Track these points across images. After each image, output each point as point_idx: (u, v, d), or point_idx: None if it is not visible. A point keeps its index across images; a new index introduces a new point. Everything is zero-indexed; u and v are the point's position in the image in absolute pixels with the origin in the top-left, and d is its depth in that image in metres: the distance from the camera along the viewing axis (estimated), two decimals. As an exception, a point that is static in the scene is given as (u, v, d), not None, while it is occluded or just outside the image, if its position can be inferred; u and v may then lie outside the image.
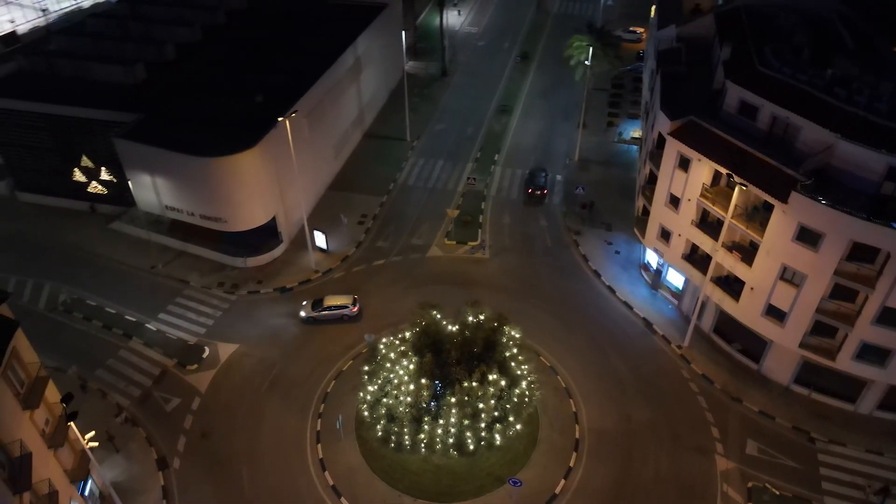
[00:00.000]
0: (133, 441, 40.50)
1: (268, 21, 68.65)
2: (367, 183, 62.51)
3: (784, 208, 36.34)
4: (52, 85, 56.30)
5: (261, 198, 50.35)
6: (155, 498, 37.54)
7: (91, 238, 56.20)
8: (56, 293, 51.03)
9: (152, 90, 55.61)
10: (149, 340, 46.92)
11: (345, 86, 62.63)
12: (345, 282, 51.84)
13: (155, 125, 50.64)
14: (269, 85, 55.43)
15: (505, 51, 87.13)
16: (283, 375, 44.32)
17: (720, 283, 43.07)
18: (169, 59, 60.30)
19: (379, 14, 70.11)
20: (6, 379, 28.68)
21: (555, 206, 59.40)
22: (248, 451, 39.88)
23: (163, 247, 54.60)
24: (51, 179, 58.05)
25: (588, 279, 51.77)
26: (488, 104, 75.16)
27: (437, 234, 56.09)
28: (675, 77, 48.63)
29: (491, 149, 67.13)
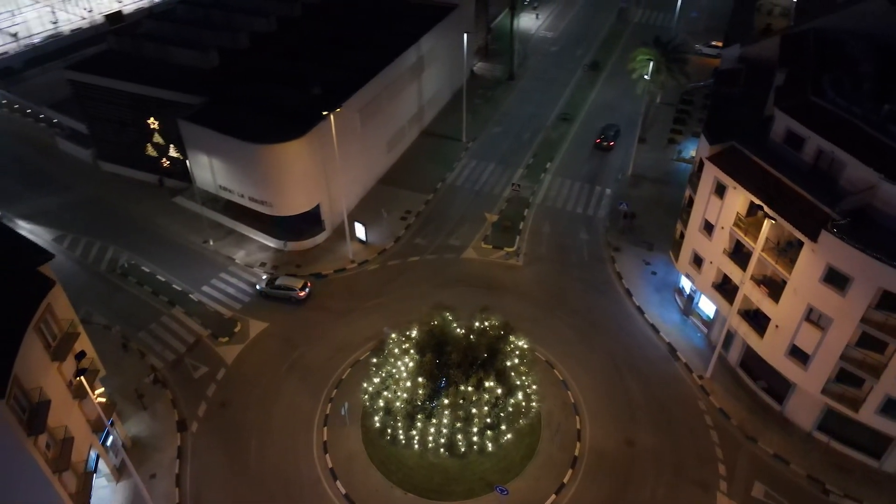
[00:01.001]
0: (160, 402, 43.62)
1: (340, 15, 71.14)
2: (416, 180, 63.82)
3: (813, 247, 34.68)
4: (135, 65, 60.86)
5: (305, 186, 52.57)
6: (170, 457, 40.36)
7: (155, 209, 60.51)
8: (117, 257, 55.38)
9: (221, 76, 59.08)
10: (189, 310, 50.18)
11: (404, 83, 64.09)
12: (378, 274, 53.40)
13: (217, 109, 53.87)
14: (328, 78, 57.59)
15: (577, 58, 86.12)
16: (303, 358, 46.34)
17: (747, 317, 41.49)
18: (242, 48, 63.72)
19: (448, 14, 71.07)
20: (38, 331, 31.86)
21: (598, 219, 58.60)
22: (260, 425, 42.12)
23: (216, 224, 58.11)
24: (127, 152, 62.78)
25: (618, 297, 50.96)
26: (550, 111, 74.72)
27: (475, 237, 56.65)
28: (729, 99, 47.01)
29: (544, 157, 66.86)
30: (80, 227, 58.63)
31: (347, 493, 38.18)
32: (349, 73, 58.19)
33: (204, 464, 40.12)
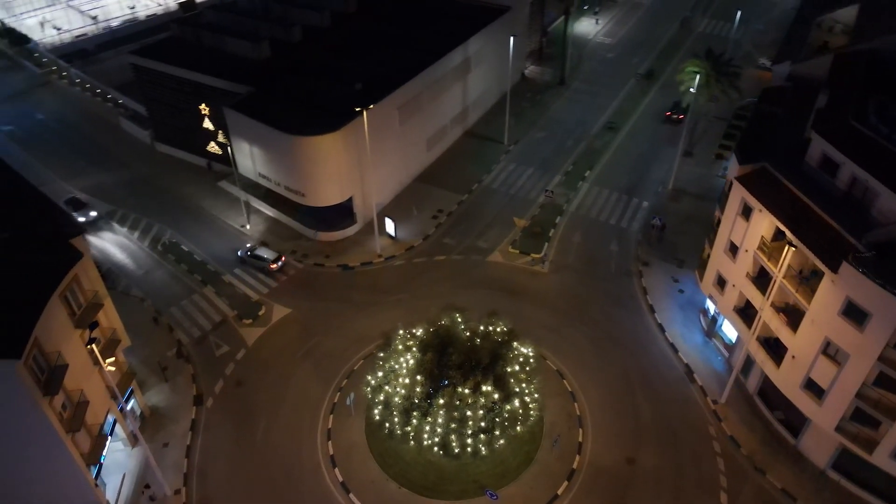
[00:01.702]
0: (181, 375, 45.79)
1: (393, 13, 72.20)
2: (452, 179, 64.29)
3: (833, 278, 33.25)
4: (192, 53, 63.75)
5: (338, 178, 53.85)
6: (184, 428, 42.37)
7: (201, 192, 63.26)
8: (161, 234, 58.25)
9: (271, 67, 61.10)
10: (220, 290, 52.34)
11: (449, 83, 64.59)
12: (403, 270, 54.22)
13: (261, 99, 55.83)
14: (372, 74, 58.74)
15: (632, 66, 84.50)
16: (320, 346, 47.64)
17: (765, 345, 40.09)
18: (295, 41, 65.65)
19: (499, 16, 71.10)
20: (64, 300, 34.09)
21: (631, 232, 57.60)
22: (271, 406, 43.66)
23: (255, 209, 60.27)
24: (180, 135, 65.78)
25: (641, 312, 50.06)
26: (597, 119, 73.73)
27: (504, 241, 56.68)
28: (770, 119, 45.39)
29: (584, 165, 66.11)
30: (131, 204, 61.94)
31: (344, 482, 39.17)
32: (393, 70, 59.18)
33: (214, 438, 41.93)
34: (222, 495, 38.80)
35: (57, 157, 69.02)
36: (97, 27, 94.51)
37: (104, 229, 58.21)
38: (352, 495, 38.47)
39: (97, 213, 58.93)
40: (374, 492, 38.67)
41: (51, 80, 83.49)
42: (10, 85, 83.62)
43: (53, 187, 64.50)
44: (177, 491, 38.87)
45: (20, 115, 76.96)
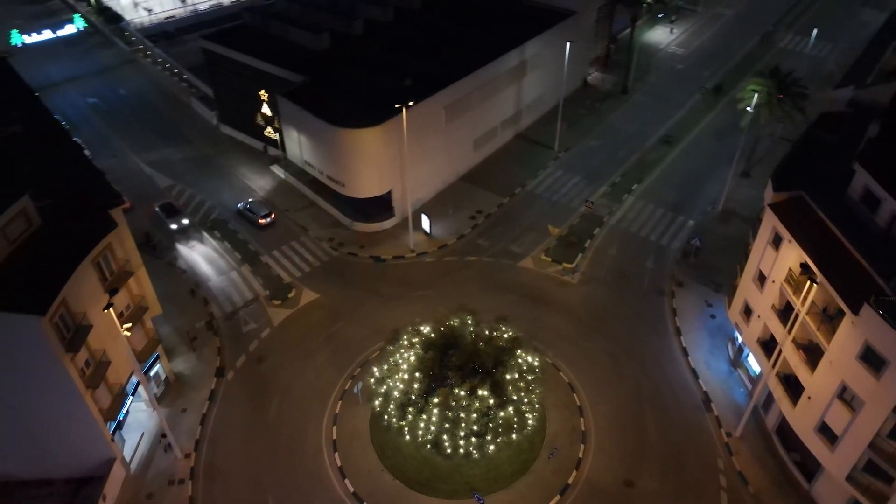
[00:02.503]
0: (208, 346, 48.21)
1: (456, 12, 72.62)
2: (496, 182, 64.30)
3: (854, 319, 31.43)
4: (258, 40, 66.48)
5: (378, 172, 54.96)
6: (203, 397, 44.68)
7: (253, 173, 66.06)
8: (210, 211, 61.28)
9: (328, 58, 62.90)
10: (256, 270, 54.62)
11: (502, 85, 64.52)
12: (433, 267, 54.85)
13: (312, 89, 57.67)
14: (425, 71, 59.52)
15: (702, 79, 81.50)
16: (341, 333, 48.98)
17: (784, 382, 38.29)
18: (356, 34, 67.27)
19: (563, 20, 70.32)
20: (96, 265, 36.68)
21: (671, 250, 55.97)
22: (286, 386, 45.37)
23: (301, 195, 62.43)
24: (242, 118, 68.77)
25: (667, 333, 48.70)
26: (654, 131, 71.76)
27: (538, 248, 56.31)
28: (821, 145, 43.08)
29: (633, 177, 64.60)
30: (190, 180, 65.47)
31: (342, 467, 40.31)
32: (445, 68, 59.74)
33: (229, 409, 44.01)
34: (228, 465, 40.73)
35: (131, 130, 73.67)
36: (185, 10, 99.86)
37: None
38: (347, 481, 39.55)
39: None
40: (369, 480, 39.59)
41: (137, 58, 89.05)
42: (100, 60, 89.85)
43: (124, 159, 69.21)
44: (187, 455, 41.11)
45: (105, 89, 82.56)
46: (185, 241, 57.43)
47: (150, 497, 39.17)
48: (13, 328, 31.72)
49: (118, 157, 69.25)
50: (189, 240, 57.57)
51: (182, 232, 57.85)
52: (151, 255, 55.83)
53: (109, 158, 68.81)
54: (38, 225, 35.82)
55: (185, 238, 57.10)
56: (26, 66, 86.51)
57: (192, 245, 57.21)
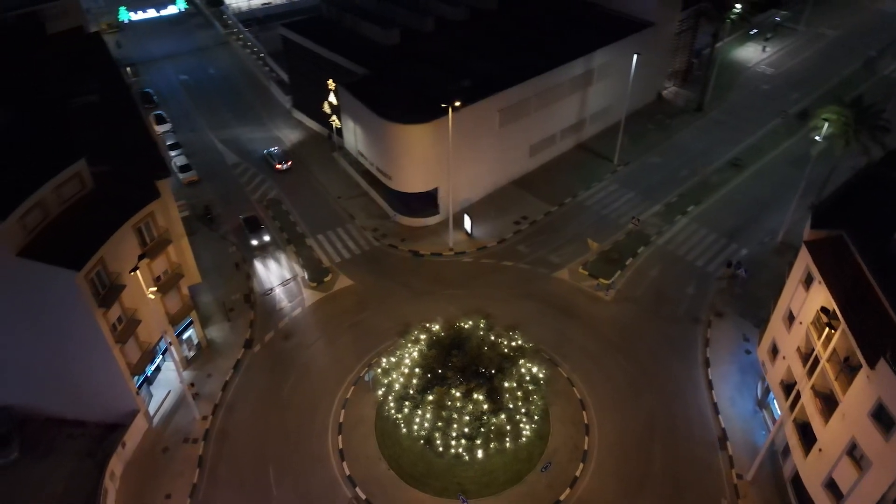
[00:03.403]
0: (242, 318, 50.85)
1: (532, 15, 72.33)
2: (548, 189, 63.76)
3: (869, 373, 29.38)
4: (331, 31, 68.95)
5: (424, 168, 55.83)
6: (228, 365, 47.26)
7: (316, 159, 68.74)
8: (268, 191, 64.32)
9: (395, 53, 64.36)
10: (299, 251, 56.92)
11: (564, 92, 63.81)
12: (468, 268, 55.26)
13: (373, 82, 59.28)
14: (486, 72, 59.85)
15: (787, 102, 77.10)
16: (366, 321, 50.33)
17: (800, 430, 36.17)
18: (426, 31, 68.39)
19: (638, 31, 68.59)
20: (137, 231, 39.62)
21: (716, 278, 53.67)
22: (305, 365, 47.25)
23: (355, 184, 64.39)
24: (312, 105, 71.55)
25: (694, 363, 46.91)
26: (724, 153, 68.72)
27: (576, 260, 55.52)
28: (882, 184, 40.16)
29: (691, 199, 62.24)
30: (254, 159, 68.91)
31: (343, 450, 41.64)
32: (507, 71, 59.80)
33: (249, 381, 46.33)
34: (238, 432, 42.97)
35: (212, 108, 78.34)
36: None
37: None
38: (345, 464, 40.83)
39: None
40: (366, 466, 40.68)
41: (230, 41, 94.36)
42: (197, 40, 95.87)
43: (201, 135, 73.75)
44: (204, 417, 43.69)
45: (196, 67, 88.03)
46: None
47: (166, 451, 41.96)
48: (53, 280, 34.85)
49: (196, 133, 73.83)
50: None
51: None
52: (208, 228, 59.50)
53: (188, 133, 73.58)
54: (90, 188, 39.07)
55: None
56: (131, 41, 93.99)
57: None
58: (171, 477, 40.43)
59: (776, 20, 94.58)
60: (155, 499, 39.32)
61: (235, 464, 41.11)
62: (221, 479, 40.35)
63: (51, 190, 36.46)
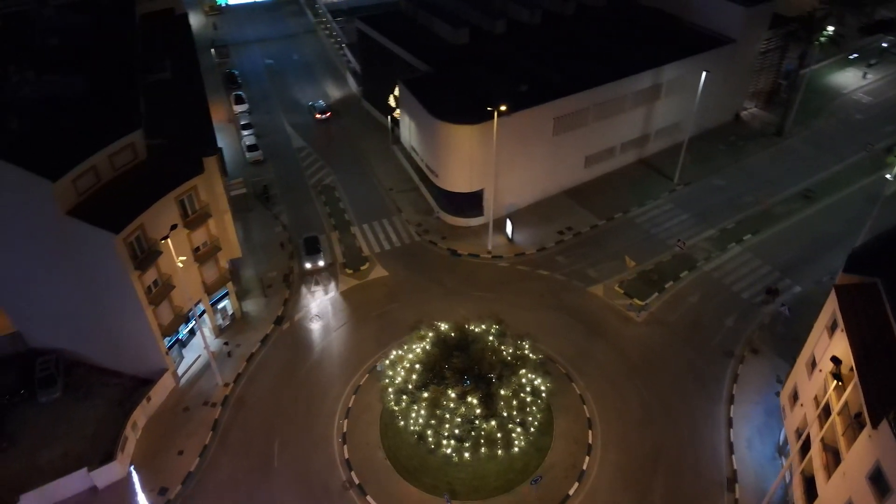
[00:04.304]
0: (277, 296, 53.21)
1: (609, 23, 70.87)
2: (599, 202, 62.56)
3: (871, 433, 27.40)
4: (404, 27, 70.39)
5: (469, 169, 56.10)
6: (257, 338, 49.66)
7: (375, 150, 70.57)
8: (325, 176, 66.73)
9: (461, 53, 64.89)
10: (343, 238, 58.79)
11: (628, 105, 62.28)
12: (503, 272, 55.25)
13: (432, 80, 60.14)
14: (547, 78, 59.44)
15: (880, 135, 71.65)
16: (393, 313, 51.40)
17: (806, 483, 34.09)
18: (497, 32, 68.48)
19: (717, 48, 65.83)
20: (179, 202, 42.41)
21: (760, 313, 51.04)
22: (327, 348, 48.99)
23: (408, 177, 65.68)
24: (379, 97, 73.41)
25: (717, 398, 44.93)
26: (796, 182, 64.81)
27: (614, 277, 54.30)
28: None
29: (749, 227, 59.26)
30: (318, 144, 71.66)
31: (346, 434, 42.96)
32: (569, 79, 59.13)
33: (273, 355, 48.53)
34: (254, 403, 45.19)
35: (289, 92, 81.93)
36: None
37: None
38: (346, 447, 42.14)
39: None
40: (365, 453, 41.82)
41: (317, 29, 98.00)
42: (288, 27, 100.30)
43: (275, 117, 77.30)
44: (226, 384, 46.22)
45: (282, 52, 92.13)
46: (296, 199, 62.51)
47: (186, 410, 44.77)
48: (96, 239, 38.00)
49: (270, 115, 77.45)
50: (298, 199, 62.72)
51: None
52: (264, 206, 62.51)
53: (263, 115, 77.33)
54: (142, 158, 42.18)
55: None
56: (228, 24, 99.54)
57: (299, 204, 62.53)
58: (186, 435, 43.11)
59: (883, 46, 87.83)
60: (168, 453, 42.07)
61: (245, 432, 43.29)
62: (230, 445, 42.64)
63: (104, 157, 39.67)
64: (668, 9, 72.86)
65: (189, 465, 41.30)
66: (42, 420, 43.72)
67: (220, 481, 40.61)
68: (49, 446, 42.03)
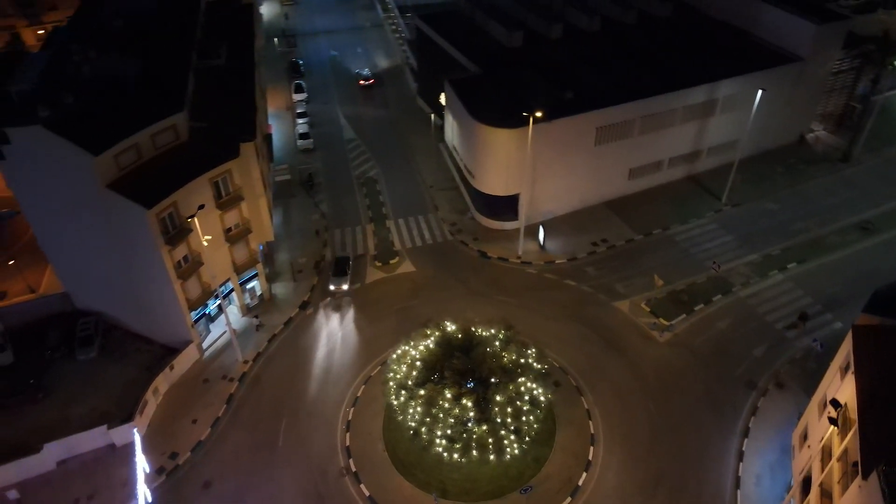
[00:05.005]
0: (306, 281, 54.89)
1: (673, 33, 68.99)
2: (639, 216, 61.16)
3: (861, 483, 25.96)
4: (460, 26, 70.83)
5: (505, 172, 55.93)
6: (281, 320, 51.45)
7: (423, 146, 71.43)
8: (369, 168, 68.14)
9: (513, 55, 64.71)
10: (377, 231, 59.99)
11: (679, 119, 60.53)
12: (529, 279, 54.95)
13: (479, 81, 60.34)
14: (596, 86, 58.60)
15: (959, 169, 66.82)
16: (414, 309, 52.02)
17: (802, 527, 32.57)
18: (553, 37, 67.91)
19: (782, 65, 63.01)
20: (213, 184, 44.47)
21: (793, 347, 48.73)
22: (344, 336, 50.25)
23: (450, 176, 66.25)
24: (432, 95, 74.11)
25: (730, 430, 43.23)
26: (855, 213, 61.13)
27: (642, 294, 53.07)
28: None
29: (795, 255, 56.47)
30: (368, 137, 73.32)
31: (350, 422, 44.01)
32: (617, 88, 58.13)
33: (293, 338, 50.18)
34: (269, 381, 46.92)
35: (346, 84, 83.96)
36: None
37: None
38: (348, 435, 43.20)
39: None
40: (365, 442, 42.73)
41: (384, 24, 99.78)
42: (356, 21, 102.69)
43: (330, 108, 79.59)
44: (245, 361, 48.15)
45: (347, 44, 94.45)
46: (337, 187, 64.37)
47: (206, 382, 46.97)
48: (130, 213, 40.41)
49: (326, 105, 79.66)
50: (339, 188, 64.58)
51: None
52: (307, 193, 64.49)
53: (320, 105, 79.61)
54: (184, 140, 44.44)
55: (338, 185, 61.16)
56: (300, 14, 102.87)
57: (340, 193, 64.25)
58: (202, 406, 45.25)
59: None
60: (184, 421, 44.29)
61: (257, 409, 45.03)
62: (240, 419, 44.47)
63: (147, 136, 42.07)
64: (737, 22, 70.24)
65: (200, 434, 43.34)
66: (77, 376, 46.80)
67: (226, 453, 42.46)
68: (79, 401, 44.98)
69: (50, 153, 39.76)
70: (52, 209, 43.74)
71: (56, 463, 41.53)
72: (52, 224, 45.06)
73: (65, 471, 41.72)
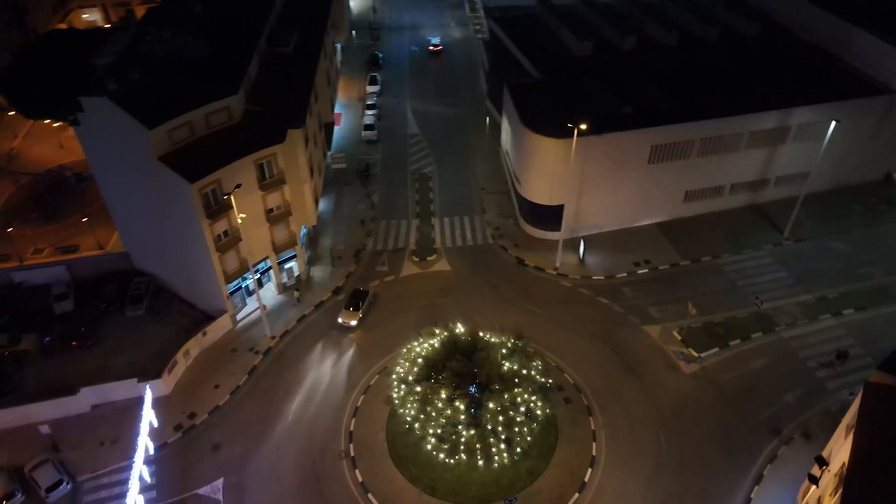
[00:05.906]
0: (343, 267, 56.73)
1: (755, 53, 65.94)
2: (689, 241, 58.93)
3: (831, 550, 24.39)
4: (532, 31, 70.54)
5: (550, 182, 55.28)
6: (313, 302, 53.50)
7: (482, 148, 71.90)
8: (424, 166, 69.21)
9: (580, 64, 63.80)
10: (421, 227, 61.04)
11: (743, 143, 57.76)
12: (562, 291, 54.31)
13: (538, 88, 59.98)
14: (655, 103, 57.03)
15: None
16: (440, 307, 52.66)
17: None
18: (626, 48, 66.44)
19: (867, 97, 58.79)
20: (259, 166, 46.88)
21: (827, 394, 45.73)
22: (369, 325, 51.60)
23: (503, 180, 66.39)
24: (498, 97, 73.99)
25: (742, 475, 41.12)
26: (932, 262, 56.40)
27: (675, 321, 51.26)
28: None
29: (854, 301, 52.59)
30: (429, 133, 74.50)
31: (359, 408, 45.34)
32: (679, 106, 56.35)
33: (320, 321, 52.07)
34: (291, 358, 49.06)
35: (421, 80, 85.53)
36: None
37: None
38: (353, 420, 44.55)
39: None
40: (367, 431, 43.87)
41: (468, 23, 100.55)
42: (443, 17, 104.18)
43: (400, 101, 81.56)
44: (273, 337, 50.51)
45: (428, 42, 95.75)
46: (392, 180, 65.81)
47: (234, 351, 49.67)
48: (176, 185, 43.35)
49: (397, 98, 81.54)
50: (394, 181, 66.00)
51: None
52: (361, 183, 66.46)
53: (391, 98, 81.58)
54: (236, 121, 47.08)
55: (392, 179, 63.28)
56: (389, 8, 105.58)
57: (394, 187, 65.66)
58: (226, 373, 47.94)
59: None
60: (207, 385, 47.13)
61: (274, 383, 47.21)
62: (258, 390, 46.80)
63: (201, 115, 44.91)
64: (828, 47, 66.08)
65: (219, 400, 45.99)
66: (123, 330, 50.75)
67: (240, 420, 44.84)
68: (120, 354, 48.80)
69: (114, 123, 43.32)
70: (116, 175, 47.68)
71: (91, 406, 45.26)
72: (116, 188, 49.12)
73: (98, 415, 45.45)
